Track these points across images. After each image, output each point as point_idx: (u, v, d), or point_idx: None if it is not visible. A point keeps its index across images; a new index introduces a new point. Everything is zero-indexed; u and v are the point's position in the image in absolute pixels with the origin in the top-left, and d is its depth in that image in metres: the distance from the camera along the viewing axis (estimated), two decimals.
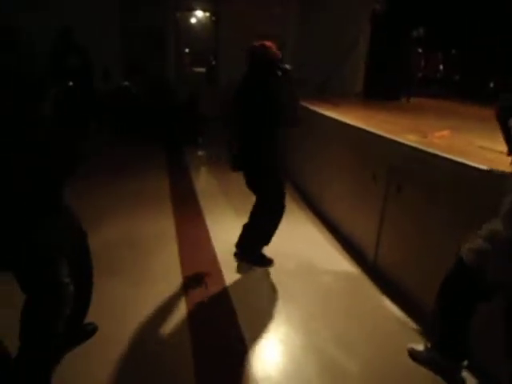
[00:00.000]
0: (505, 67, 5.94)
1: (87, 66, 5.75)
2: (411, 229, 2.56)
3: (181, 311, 2.39)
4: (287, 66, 2.59)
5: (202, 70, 10.19)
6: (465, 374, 1.94)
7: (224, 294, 2.61)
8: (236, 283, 2.74)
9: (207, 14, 11.49)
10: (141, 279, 2.71)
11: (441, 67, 6.73)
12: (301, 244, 3.32)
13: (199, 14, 11.87)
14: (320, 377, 1.96)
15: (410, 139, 2.66)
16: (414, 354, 2.07)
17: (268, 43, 2.53)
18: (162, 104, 6.80)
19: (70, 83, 5.46)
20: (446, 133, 2.82)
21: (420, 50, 6.15)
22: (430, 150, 2.37)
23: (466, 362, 1.89)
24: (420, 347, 2.07)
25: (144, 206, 3.94)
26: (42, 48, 4.10)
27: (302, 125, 2.77)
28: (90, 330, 2.09)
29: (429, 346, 2.02)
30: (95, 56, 5.96)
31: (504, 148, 1.96)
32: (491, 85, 7.04)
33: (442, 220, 2.28)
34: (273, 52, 2.52)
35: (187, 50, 10.02)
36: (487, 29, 6.35)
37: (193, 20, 11.88)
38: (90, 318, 2.05)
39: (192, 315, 2.36)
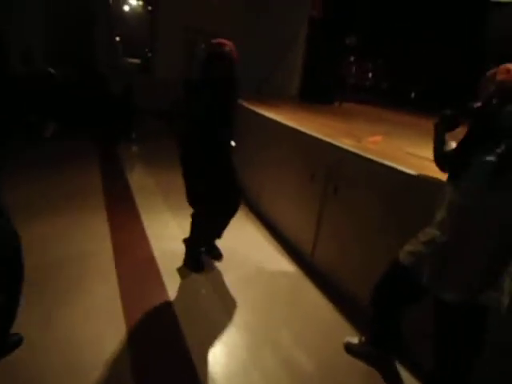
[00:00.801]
0: (428, 76, 6.54)
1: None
2: (346, 228, 2.71)
3: (118, 319, 2.27)
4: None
5: (137, 61, 9.77)
6: (398, 366, 2.11)
7: (164, 299, 2.53)
8: (176, 287, 2.68)
9: (141, 3, 11.00)
10: (74, 286, 2.52)
11: (370, 75, 7.23)
12: (240, 244, 3.34)
13: (133, 1, 11.32)
14: (263, 377, 2.00)
15: (346, 143, 2.81)
16: (349, 347, 2.20)
17: (230, 43, 2.46)
18: (92, 95, 6.38)
19: None
20: (378, 138, 3.03)
21: (352, 59, 6.55)
22: (365, 154, 2.53)
23: (397, 354, 2.07)
24: (355, 340, 2.21)
25: (75, 207, 3.68)
26: None
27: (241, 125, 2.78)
28: (17, 341, 1.91)
29: (363, 339, 2.16)
30: (15, 38, 5.40)
31: (429, 154, 2.16)
32: (412, 94, 7.74)
33: (376, 220, 2.45)
34: (236, 53, 2.48)
35: (118, 39, 9.52)
36: (414, 38, 6.94)
37: (126, 8, 11.28)
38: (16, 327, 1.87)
39: (131, 325, 2.25)
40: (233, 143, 2.70)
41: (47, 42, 7.20)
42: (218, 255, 3.03)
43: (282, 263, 3.13)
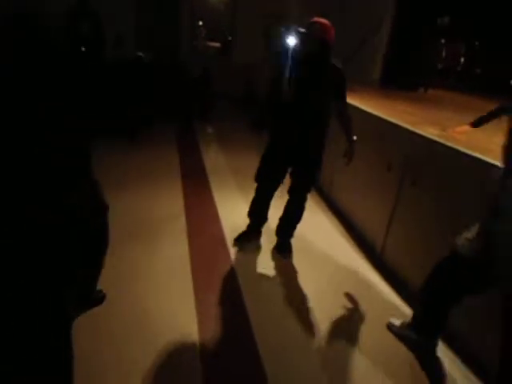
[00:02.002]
0: None
1: (100, 32, 5.65)
2: (422, 224, 2.54)
3: (187, 282, 2.42)
4: None
5: (217, 44, 9.99)
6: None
7: (230, 271, 2.63)
8: (242, 261, 2.77)
9: None
10: (151, 247, 2.75)
11: (462, 59, 6.56)
12: (309, 230, 3.31)
13: None
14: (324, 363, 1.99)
15: (430, 132, 2.61)
16: (391, 328, 2.21)
17: (325, 22, 2.38)
18: (174, 78, 6.68)
19: (83, 49, 5.38)
20: (466, 128, 2.77)
21: (443, 41, 6.00)
22: (451, 144, 2.33)
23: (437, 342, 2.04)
24: (397, 322, 2.20)
25: (154, 181, 3.95)
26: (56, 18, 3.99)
27: None
28: (101, 298, 2.15)
29: (406, 322, 2.14)
30: (107, 24, 5.83)
31: None
32: (511, 82, 6.87)
33: (455, 218, 2.25)
34: (330, 33, 2.40)
35: (201, 23, 9.79)
36: None
37: None
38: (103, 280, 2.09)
39: (198, 288, 2.39)
40: None
41: (137, 27, 7.67)
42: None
43: (349, 252, 3.06)
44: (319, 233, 3.32)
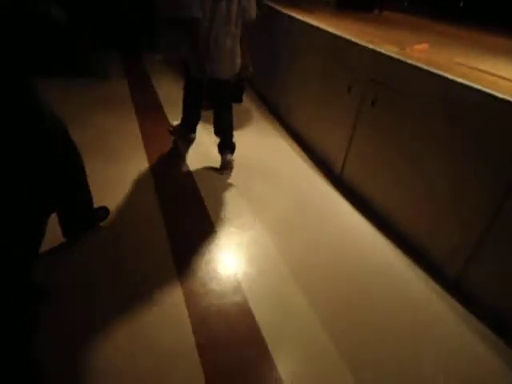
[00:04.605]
0: None
1: None
2: (380, 143, 2.62)
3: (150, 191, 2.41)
4: None
5: None
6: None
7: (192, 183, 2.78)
8: (202, 175, 2.87)
9: None
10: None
11: None
12: (268, 153, 3.36)
13: None
14: (290, 276, 2.11)
15: (390, 50, 2.59)
16: (173, 130, 3.38)
17: None
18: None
19: None
20: (425, 46, 2.78)
21: None
22: (413, 62, 2.34)
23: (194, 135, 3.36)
24: (175, 123, 3.40)
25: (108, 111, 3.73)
26: None
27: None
28: (104, 214, 2.29)
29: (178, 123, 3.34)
30: None
31: (480, 65, 1.97)
32: (461, 3, 6.91)
33: (411, 137, 2.35)
34: None
35: None
36: None
37: None
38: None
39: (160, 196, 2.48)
40: None
41: None
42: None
43: (310, 174, 3.15)
44: (280, 158, 3.37)
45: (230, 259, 2.15)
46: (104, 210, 2.31)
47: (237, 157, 3.02)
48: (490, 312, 1.96)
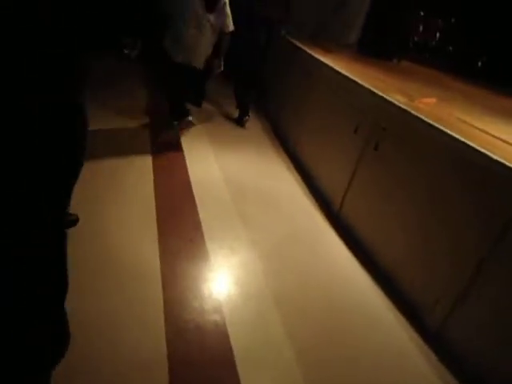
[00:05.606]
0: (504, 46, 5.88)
1: None
2: (378, 187, 2.69)
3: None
4: None
5: None
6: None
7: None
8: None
9: None
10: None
11: (437, 34, 6.65)
12: (271, 181, 3.46)
13: None
14: (272, 304, 2.14)
15: (398, 99, 2.70)
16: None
17: None
18: None
19: None
20: (432, 100, 2.88)
21: (422, 13, 6.02)
22: (416, 113, 2.44)
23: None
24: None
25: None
26: None
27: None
28: (74, 220, 2.25)
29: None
30: None
31: (480, 124, 2.05)
32: (479, 64, 7.09)
33: (411, 185, 2.41)
34: None
35: None
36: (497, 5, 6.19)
37: None
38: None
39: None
40: None
41: None
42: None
43: (309, 207, 3.21)
44: (282, 187, 3.45)
45: (217, 279, 2.19)
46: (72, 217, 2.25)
47: (240, 181, 3.11)
48: (468, 370, 1.95)
